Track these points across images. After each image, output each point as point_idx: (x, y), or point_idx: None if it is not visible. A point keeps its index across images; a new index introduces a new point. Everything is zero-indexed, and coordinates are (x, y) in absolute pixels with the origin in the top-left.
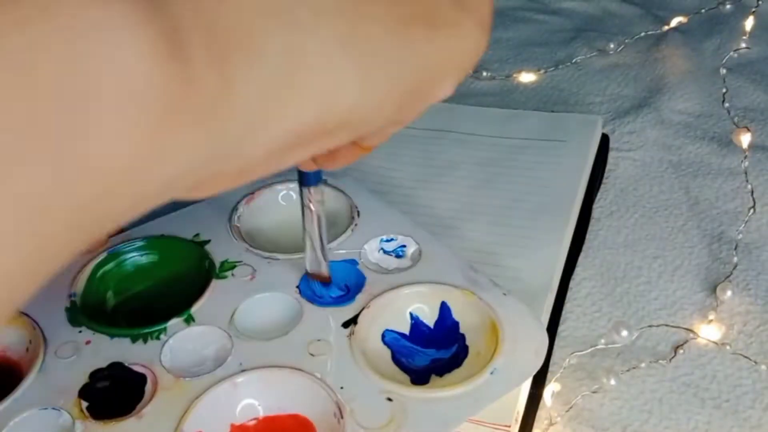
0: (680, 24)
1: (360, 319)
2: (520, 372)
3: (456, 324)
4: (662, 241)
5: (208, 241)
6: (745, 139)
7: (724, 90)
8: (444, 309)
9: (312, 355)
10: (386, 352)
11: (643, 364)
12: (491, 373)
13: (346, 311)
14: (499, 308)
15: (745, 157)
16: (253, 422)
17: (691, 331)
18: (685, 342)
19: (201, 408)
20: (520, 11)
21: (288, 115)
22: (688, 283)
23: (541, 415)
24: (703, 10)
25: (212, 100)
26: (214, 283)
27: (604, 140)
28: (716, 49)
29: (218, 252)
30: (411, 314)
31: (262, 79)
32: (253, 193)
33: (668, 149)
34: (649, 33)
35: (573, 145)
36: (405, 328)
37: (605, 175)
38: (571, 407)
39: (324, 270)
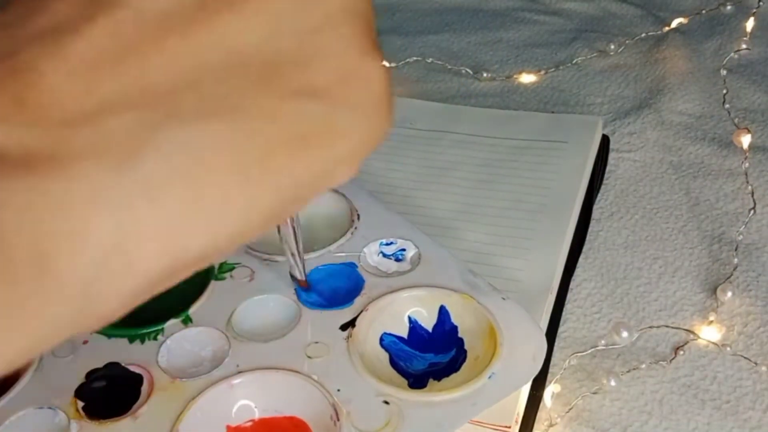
0: (681, 25)
1: (358, 322)
2: (518, 376)
3: (455, 328)
4: (662, 242)
5: None
6: (745, 140)
7: (724, 91)
8: (443, 313)
9: (309, 357)
10: (384, 356)
11: (643, 365)
12: (489, 378)
13: (345, 314)
14: (498, 312)
15: (746, 158)
16: (249, 424)
17: (692, 332)
18: (686, 343)
19: (197, 409)
20: (521, 12)
21: (133, 270)
22: (689, 284)
23: (542, 416)
24: (703, 11)
25: (37, 294)
26: (213, 285)
27: (605, 141)
28: (717, 50)
29: None
30: (409, 318)
31: (87, 263)
32: None
33: (669, 150)
34: (650, 34)
35: (573, 146)
36: (403, 332)
37: (605, 176)
38: (571, 408)
39: (299, 275)
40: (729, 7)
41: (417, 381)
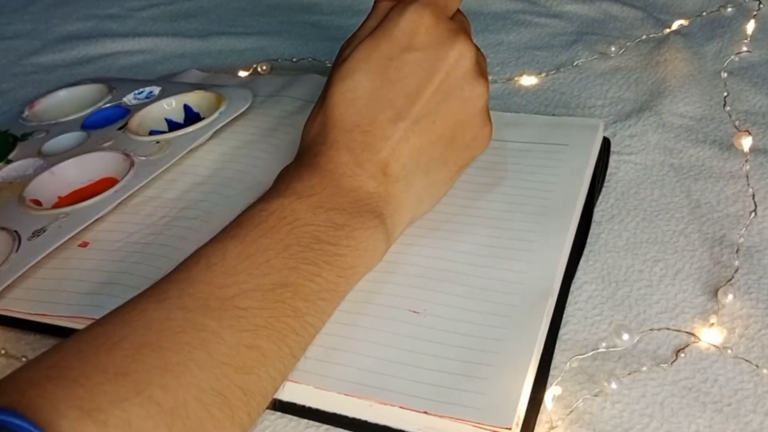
0: (682, 27)
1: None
2: (235, 110)
3: (197, 114)
4: (663, 245)
5: None
6: (746, 142)
7: (725, 93)
8: (187, 109)
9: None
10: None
11: (644, 368)
12: (219, 113)
13: None
14: (223, 90)
15: (747, 160)
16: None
17: (693, 334)
18: (687, 346)
19: None
20: (521, 14)
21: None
22: (690, 287)
23: (542, 418)
24: (704, 14)
25: None
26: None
27: (606, 144)
28: (717, 52)
29: None
30: (167, 119)
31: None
32: None
33: (669, 153)
34: (651, 36)
35: (574, 148)
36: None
37: (606, 178)
38: (572, 411)
39: None
40: (730, 10)
41: None
